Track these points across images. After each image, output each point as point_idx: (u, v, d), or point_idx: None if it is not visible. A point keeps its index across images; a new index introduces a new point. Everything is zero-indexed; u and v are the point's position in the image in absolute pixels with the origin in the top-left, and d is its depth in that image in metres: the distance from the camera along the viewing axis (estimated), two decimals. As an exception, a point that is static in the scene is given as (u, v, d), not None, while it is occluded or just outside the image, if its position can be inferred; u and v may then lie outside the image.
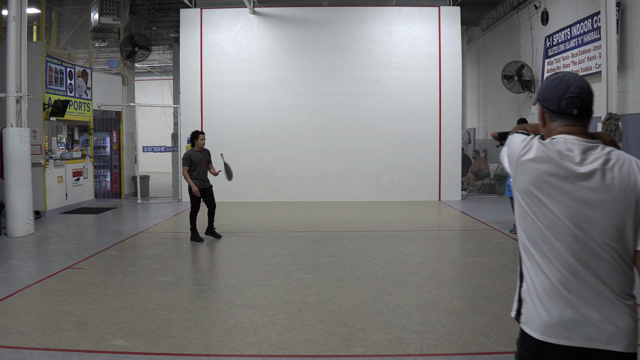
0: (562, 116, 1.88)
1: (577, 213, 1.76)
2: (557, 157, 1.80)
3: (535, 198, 1.81)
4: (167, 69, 23.68)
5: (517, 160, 1.86)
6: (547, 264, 1.79)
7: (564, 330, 1.76)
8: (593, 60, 10.44)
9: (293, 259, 7.03)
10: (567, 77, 1.88)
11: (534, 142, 1.85)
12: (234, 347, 4.04)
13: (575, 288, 1.76)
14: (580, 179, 1.77)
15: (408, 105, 13.51)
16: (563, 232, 1.77)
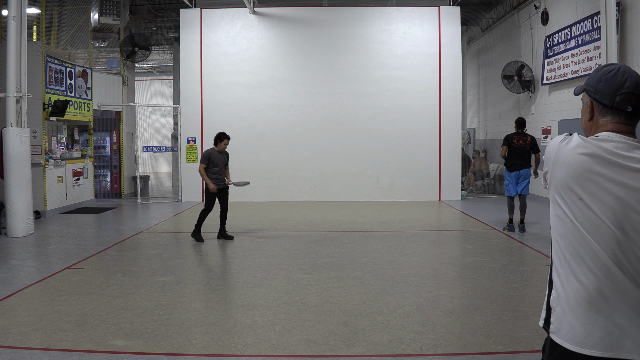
0: (614, 112, 1.76)
1: (621, 214, 1.64)
2: (602, 153, 1.67)
3: (576, 196, 1.68)
4: (167, 69, 23.69)
5: (556, 151, 1.74)
6: (582, 270, 1.68)
7: (598, 341, 1.67)
8: (593, 60, 10.44)
9: (293, 259, 7.04)
10: (622, 70, 1.76)
11: (574, 136, 1.74)
12: (234, 347, 4.04)
13: (614, 296, 1.66)
14: (626, 178, 1.65)
15: (408, 105, 13.51)
16: (604, 234, 1.65)
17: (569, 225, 1.71)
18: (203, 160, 8.13)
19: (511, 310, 4.82)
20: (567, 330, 1.73)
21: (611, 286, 1.66)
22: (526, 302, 5.05)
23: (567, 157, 1.71)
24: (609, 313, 1.67)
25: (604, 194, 1.66)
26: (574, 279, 1.71)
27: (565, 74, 11.64)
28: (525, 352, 3.90)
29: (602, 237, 1.66)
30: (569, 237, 1.72)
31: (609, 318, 1.67)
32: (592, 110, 1.82)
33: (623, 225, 1.64)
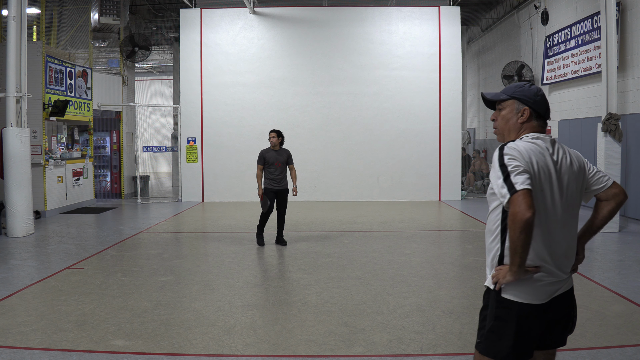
0: (541, 119, 2.37)
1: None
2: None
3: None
4: (167, 69, 23.69)
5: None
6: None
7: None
8: (593, 60, 10.44)
9: (293, 259, 7.03)
10: (543, 93, 2.40)
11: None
12: (234, 347, 4.04)
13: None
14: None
15: (408, 105, 13.51)
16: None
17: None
18: (258, 161, 7.72)
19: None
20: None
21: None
22: (526, 302, 5.04)
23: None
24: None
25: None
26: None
27: (565, 74, 11.64)
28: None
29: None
30: None
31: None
32: (530, 115, 2.35)
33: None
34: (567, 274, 2.31)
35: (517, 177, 2.10)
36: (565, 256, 2.28)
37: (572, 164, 2.29)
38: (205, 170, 13.70)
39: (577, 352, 3.87)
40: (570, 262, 2.32)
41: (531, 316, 2.22)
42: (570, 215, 2.28)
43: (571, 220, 2.29)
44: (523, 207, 2.04)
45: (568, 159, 2.29)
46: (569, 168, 2.27)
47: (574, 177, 2.28)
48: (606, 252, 7.26)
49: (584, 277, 5.94)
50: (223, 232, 9.20)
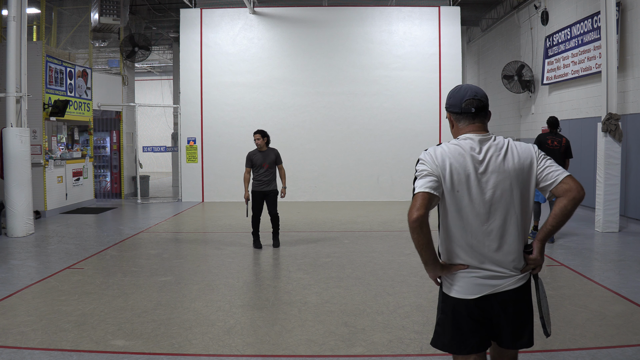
0: (465, 117, 2.34)
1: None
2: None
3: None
4: (167, 69, 23.69)
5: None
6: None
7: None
8: (593, 60, 10.44)
9: (293, 259, 7.03)
10: (464, 87, 2.37)
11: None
12: (234, 347, 4.04)
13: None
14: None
15: (408, 105, 13.51)
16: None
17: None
18: (246, 164, 7.54)
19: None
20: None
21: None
22: (526, 302, 5.05)
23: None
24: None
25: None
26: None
27: (565, 74, 11.64)
28: (526, 352, 3.89)
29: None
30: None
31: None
32: (452, 119, 2.40)
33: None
34: (512, 270, 2.30)
35: (419, 181, 2.32)
36: (500, 252, 2.28)
37: (507, 161, 2.26)
38: (205, 170, 13.70)
39: (577, 352, 3.87)
40: (514, 259, 2.31)
41: (463, 310, 2.29)
42: (504, 212, 2.27)
43: (507, 216, 2.27)
44: (413, 208, 2.25)
45: (501, 156, 2.27)
46: (499, 165, 2.26)
47: (506, 175, 2.26)
48: (606, 252, 7.26)
49: (584, 277, 5.94)
50: (223, 232, 9.20)
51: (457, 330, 2.33)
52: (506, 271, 2.31)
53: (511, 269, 2.31)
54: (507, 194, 2.27)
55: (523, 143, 2.36)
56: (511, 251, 2.30)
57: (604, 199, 8.63)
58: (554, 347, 3.97)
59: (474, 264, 2.30)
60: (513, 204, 2.28)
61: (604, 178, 8.63)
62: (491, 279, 2.29)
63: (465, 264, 2.30)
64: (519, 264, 2.33)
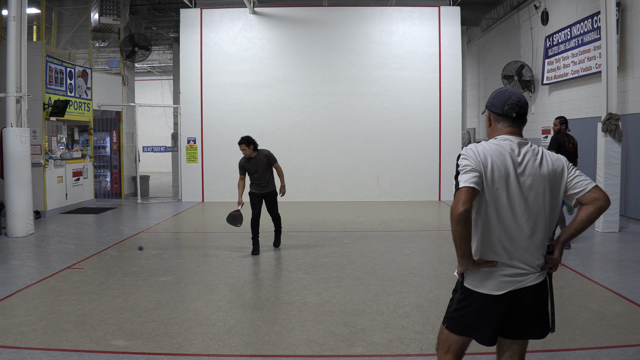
0: (506, 119, 2.46)
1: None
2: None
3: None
4: (167, 69, 23.69)
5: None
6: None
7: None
8: (593, 60, 10.44)
9: (293, 259, 7.03)
10: (510, 90, 2.49)
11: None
12: (234, 347, 4.04)
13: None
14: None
15: (408, 105, 13.51)
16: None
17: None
18: (240, 172, 7.35)
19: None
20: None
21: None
22: (526, 302, 5.04)
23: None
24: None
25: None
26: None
27: (565, 74, 11.64)
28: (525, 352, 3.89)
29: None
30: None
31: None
32: (490, 119, 2.53)
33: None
34: (534, 268, 2.42)
35: (463, 176, 2.32)
36: (526, 251, 2.40)
37: (542, 167, 2.38)
38: (205, 170, 13.70)
39: (577, 352, 3.87)
40: (536, 258, 2.42)
41: (486, 304, 2.43)
42: (535, 213, 2.38)
43: (537, 218, 2.39)
44: (459, 202, 2.26)
45: (537, 161, 2.39)
46: (536, 170, 2.37)
47: (541, 179, 2.37)
48: (606, 252, 7.26)
49: (584, 277, 5.94)
50: (223, 232, 9.20)
51: (478, 321, 2.51)
52: (531, 269, 2.43)
53: (535, 267, 2.43)
54: (541, 197, 2.39)
55: (553, 153, 2.49)
56: (538, 251, 2.43)
57: (604, 199, 8.62)
58: (554, 347, 3.97)
59: (504, 261, 2.40)
60: (544, 206, 2.40)
61: (604, 178, 8.63)
62: (517, 276, 2.41)
63: (495, 261, 2.40)
64: (541, 262, 2.46)
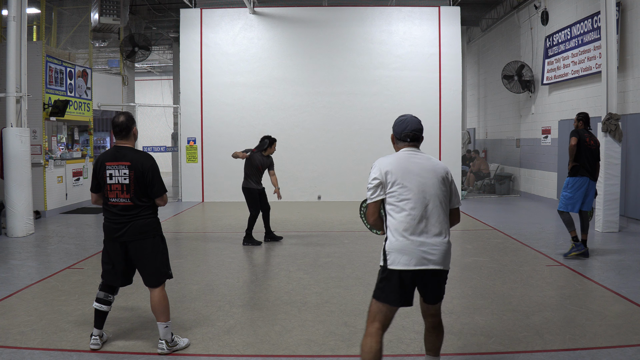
0: (401, 141, 3.23)
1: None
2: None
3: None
4: (167, 69, 23.69)
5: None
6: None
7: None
8: (593, 60, 10.44)
9: (293, 259, 7.03)
10: (407, 120, 3.21)
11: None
12: (234, 347, 4.04)
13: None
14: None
15: (408, 105, 13.48)
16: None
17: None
18: (246, 150, 7.96)
19: (511, 310, 4.82)
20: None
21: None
22: (526, 302, 5.05)
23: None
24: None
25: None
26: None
27: (565, 74, 11.64)
28: (525, 352, 3.90)
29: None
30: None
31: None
32: (393, 140, 3.27)
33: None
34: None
35: (369, 191, 3.09)
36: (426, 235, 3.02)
37: (432, 165, 3.11)
38: (205, 170, 13.70)
39: (577, 352, 3.87)
40: (435, 243, 3.02)
41: (399, 277, 3.02)
42: (429, 200, 3.07)
43: (431, 204, 3.07)
44: (368, 215, 3.17)
45: (428, 162, 3.12)
46: (427, 167, 3.10)
47: (432, 174, 3.09)
48: (606, 252, 7.26)
49: (584, 277, 5.94)
50: (223, 232, 9.20)
51: (395, 290, 3.11)
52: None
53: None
54: (434, 187, 3.13)
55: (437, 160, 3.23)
56: (437, 237, 3.15)
57: (604, 199, 8.63)
58: (554, 347, 3.97)
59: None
60: (437, 194, 3.12)
61: (604, 178, 8.63)
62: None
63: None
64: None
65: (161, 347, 3.88)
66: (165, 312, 3.93)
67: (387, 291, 3.04)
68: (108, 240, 3.95)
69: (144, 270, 3.98)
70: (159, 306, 3.93)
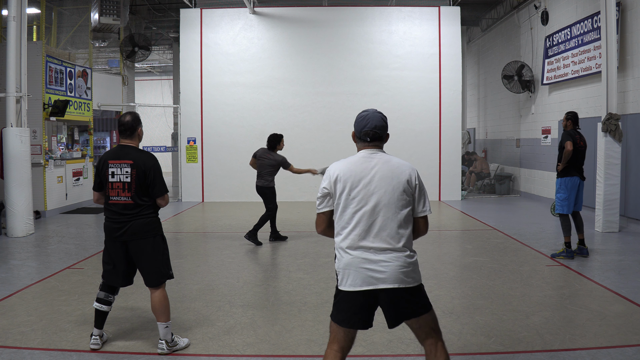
0: (361, 140, 2.98)
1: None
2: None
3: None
4: (167, 69, 23.69)
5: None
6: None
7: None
8: (593, 60, 10.44)
9: (293, 259, 7.03)
10: (368, 117, 2.93)
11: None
12: (234, 347, 4.04)
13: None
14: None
15: (408, 105, 13.51)
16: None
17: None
18: (286, 160, 8.46)
19: (511, 310, 4.82)
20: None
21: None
22: (526, 302, 5.05)
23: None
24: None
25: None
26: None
27: (565, 74, 11.64)
28: (525, 352, 3.90)
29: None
30: None
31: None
32: (354, 137, 3.04)
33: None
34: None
35: (317, 200, 2.85)
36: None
37: (391, 169, 2.79)
38: (205, 170, 13.70)
39: (577, 352, 3.87)
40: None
41: (351, 298, 2.73)
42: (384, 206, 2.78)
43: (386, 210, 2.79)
44: (316, 225, 2.90)
45: (386, 165, 2.80)
46: (385, 172, 2.78)
47: (389, 179, 2.76)
48: (606, 252, 7.26)
49: (584, 277, 5.94)
50: (223, 232, 9.20)
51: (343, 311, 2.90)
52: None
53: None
54: (389, 194, 2.84)
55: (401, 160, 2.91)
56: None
57: (604, 199, 8.63)
58: (554, 347, 3.97)
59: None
60: (393, 200, 2.80)
61: (604, 178, 8.63)
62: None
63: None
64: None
65: (161, 347, 3.88)
66: (165, 313, 3.93)
67: (341, 312, 2.74)
68: (109, 240, 3.96)
69: (144, 270, 3.98)
70: (159, 306, 3.93)
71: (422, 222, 2.83)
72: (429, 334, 2.78)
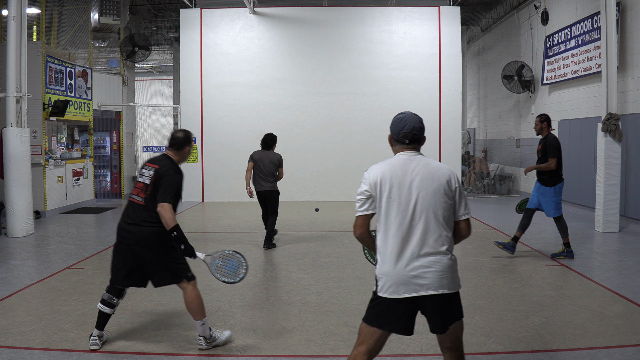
0: (399, 142, 2.83)
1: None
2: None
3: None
4: (167, 69, 23.68)
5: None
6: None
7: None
8: (593, 60, 10.44)
9: (293, 259, 7.03)
10: (406, 119, 2.82)
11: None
12: (235, 347, 4.04)
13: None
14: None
15: (408, 105, 13.44)
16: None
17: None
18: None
19: (511, 310, 4.82)
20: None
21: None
22: (526, 302, 5.05)
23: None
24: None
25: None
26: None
27: (565, 74, 11.64)
28: (525, 352, 3.90)
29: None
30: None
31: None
32: (391, 140, 2.88)
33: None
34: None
35: (357, 203, 2.78)
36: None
37: (431, 172, 2.73)
38: (205, 170, 13.70)
39: (577, 352, 3.87)
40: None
41: (392, 305, 2.67)
42: (425, 211, 2.76)
43: (427, 215, 2.77)
44: (355, 227, 2.81)
45: (427, 168, 2.74)
46: (426, 175, 2.73)
47: (430, 182, 2.72)
48: (606, 252, 7.26)
49: (584, 277, 5.94)
50: (223, 232, 9.20)
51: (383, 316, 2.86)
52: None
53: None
54: (430, 197, 2.81)
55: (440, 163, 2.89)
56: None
57: (604, 199, 8.63)
58: (554, 347, 3.97)
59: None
60: (435, 204, 2.79)
61: (604, 178, 8.63)
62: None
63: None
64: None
65: (200, 344, 3.94)
66: (199, 311, 3.94)
67: (380, 316, 2.68)
68: (118, 238, 4.01)
69: (154, 273, 4.00)
70: (191, 305, 3.96)
71: (464, 225, 2.90)
72: (454, 343, 2.76)
